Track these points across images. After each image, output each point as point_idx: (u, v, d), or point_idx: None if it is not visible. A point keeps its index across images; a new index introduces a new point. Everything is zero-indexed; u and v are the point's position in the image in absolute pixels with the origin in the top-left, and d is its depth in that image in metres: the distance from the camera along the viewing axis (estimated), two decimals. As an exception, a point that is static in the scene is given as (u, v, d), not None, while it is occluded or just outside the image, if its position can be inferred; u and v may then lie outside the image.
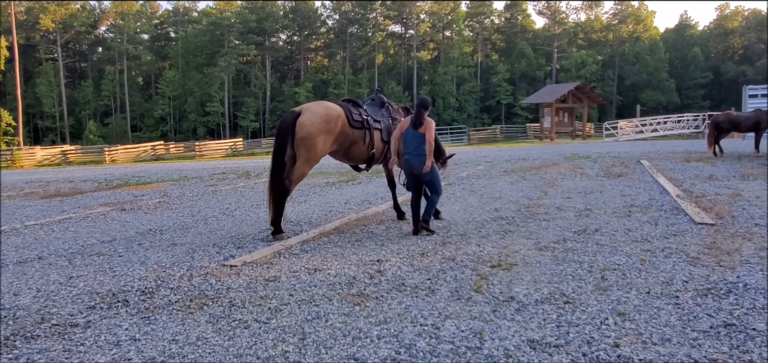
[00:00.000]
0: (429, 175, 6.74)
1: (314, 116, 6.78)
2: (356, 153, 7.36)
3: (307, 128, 6.68)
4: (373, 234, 7.00)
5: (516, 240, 6.31)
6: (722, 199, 8.76)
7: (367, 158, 7.50)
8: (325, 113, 6.86)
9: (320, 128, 6.74)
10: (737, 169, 13.27)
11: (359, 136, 7.21)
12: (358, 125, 7.18)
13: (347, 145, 7.17)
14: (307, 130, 6.67)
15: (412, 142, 6.73)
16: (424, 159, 6.63)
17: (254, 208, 9.91)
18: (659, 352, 3.27)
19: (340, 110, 7.03)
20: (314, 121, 6.74)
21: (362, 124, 7.22)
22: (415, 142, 6.69)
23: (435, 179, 6.83)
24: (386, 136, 7.51)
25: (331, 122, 6.84)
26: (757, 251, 5.48)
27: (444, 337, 3.56)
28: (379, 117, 7.55)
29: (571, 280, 4.70)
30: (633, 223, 7.08)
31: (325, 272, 5.17)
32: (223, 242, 6.82)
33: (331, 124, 6.84)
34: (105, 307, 4.39)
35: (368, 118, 7.34)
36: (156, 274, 5.35)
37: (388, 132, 7.53)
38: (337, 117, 6.92)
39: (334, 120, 6.88)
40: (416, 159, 6.69)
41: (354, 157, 7.49)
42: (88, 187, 15.89)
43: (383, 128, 7.51)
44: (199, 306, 4.33)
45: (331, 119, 6.86)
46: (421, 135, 6.66)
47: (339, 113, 6.97)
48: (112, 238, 7.38)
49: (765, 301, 4.04)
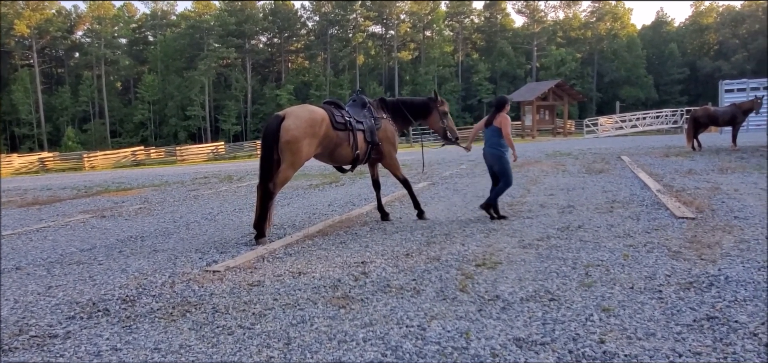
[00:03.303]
0: (498, 165, 7.59)
1: (298, 120, 6.76)
2: (340, 155, 7.36)
3: (292, 132, 6.67)
4: (357, 236, 6.97)
5: (500, 238, 6.33)
6: (702, 193, 8.87)
7: (352, 159, 7.49)
8: (309, 117, 6.85)
9: (305, 132, 6.74)
10: (715, 163, 13.46)
11: (343, 137, 7.22)
12: (342, 127, 7.19)
13: (332, 147, 7.17)
14: (291, 134, 6.67)
15: (487, 136, 7.72)
16: (495, 151, 7.57)
17: (237, 212, 9.83)
18: (644, 346, 3.29)
19: (323, 113, 7.03)
20: (298, 125, 6.73)
21: (345, 126, 7.24)
22: (490, 136, 7.64)
23: (505, 169, 7.56)
24: (369, 136, 7.52)
25: (315, 126, 6.83)
26: (737, 244, 5.55)
27: (430, 338, 3.54)
28: (361, 118, 7.55)
29: (556, 277, 4.72)
30: (615, 219, 7.14)
31: (310, 275, 5.13)
32: (206, 248, 6.75)
33: (315, 128, 6.83)
34: (85, 317, 4.31)
35: (351, 119, 7.35)
36: (137, 281, 5.27)
37: (371, 132, 7.55)
38: (321, 121, 6.92)
39: (318, 123, 6.88)
40: (488, 151, 7.67)
41: (338, 159, 7.48)
42: (66, 194, 15.64)
43: (366, 129, 7.51)
44: (182, 313, 4.26)
45: (316, 123, 6.85)
46: (495, 129, 7.57)
47: (323, 117, 6.98)
48: (91, 246, 7.26)
49: (746, 293, 4.09)
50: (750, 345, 3.25)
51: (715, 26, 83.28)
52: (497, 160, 7.59)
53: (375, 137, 7.58)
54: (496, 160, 7.60)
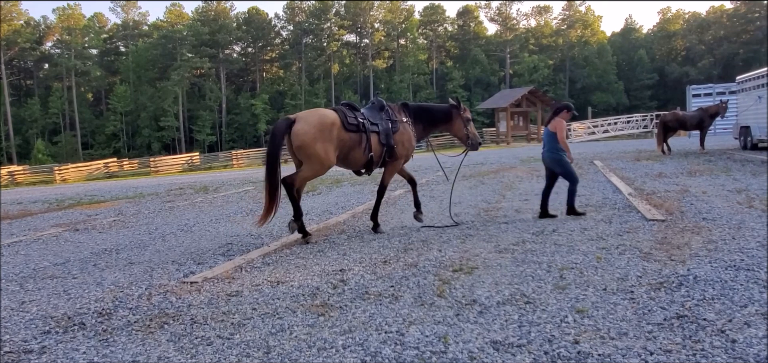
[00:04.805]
0: (560, 169, 7.85)
1: (307, 125, 6.80)
2: (354, 158, 7.24)
3: (301, 137, 6.74)
4: (335, 244, 6.99)
5: (476, 244, 6.41)
6: (671, 196, 9.09)
7: (366, 162, 7.36)
8: (319, 121, 6.85)
9: (315, 136, 6.75)
10: (684, 166, 13.80)
11: (356, 139, 7.12)
12: (354, 128, 7.09)
13: (346, 150, 7.10)
14: (301, 139, 6.74)
15: (545, 140, 8.04)
16: (553, 155, 7.82)
17: (213, 222, 9.76)
18: (617, 346, 3.37)
19: (334, 115, 6.99)
20: (307, 129, 6.76)
21: (358, 127, 7.13)
22: (547, 140, 7.93)
23: (566, 170, 7.82)
24: (384, 139, 7.34)
25: (325, 129, 6.82)
26: (705, 244, 5.71)
27: (409, 344, 3.59)
28: (377, 120, 7.39)
29: (531, 280, 4.80)
30: (588, 223, 7.28)
31: (288, 284, 5.14)
32: (183, 259, 6.70)
33: (325, 131, 6.82)
34: (60, 331, 4.26)
35: (364, 121, 7.23)
36: (113, 294, 5.22)
37: (386, 134, 7.36)
38: (331, 123, 6.88)
39: (329, 126, 6.85)
40: (547, 155, 7.97)
41: (352, 163, 7.35)
42: (38, 208, 15.34)
43: (381, 131, 7.33)
44: (160, 325, 4.24)
45: (325, 126, 6.83)
46: (552, 134, 7.82)
47: (333, 119, 6.94)
48: (65, 260, 7.15)
49: (714, 292, 4.22)
50: (718, 342, 3.36)
51: (681, 32, 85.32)
52: (557, 164, 7.85)
53: (390, 140, 7.39)
54: (557, 164, 7.86)
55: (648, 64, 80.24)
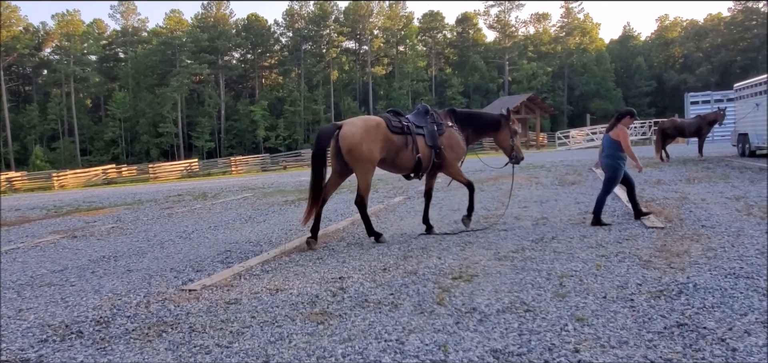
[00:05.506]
0: (610, 173, 7.81)
1: (354, 128, 7.12)
2: (402, 160, 7.45)
3: (349, 140, 7.02)
4: (334, 251, 6.97)
5: (476, 251, 6.40)
6: (670, 203, 9.10)
7: (414, 164, 7.52)
8: (364, 124, 7.21)
9: (362, 137, 7.04)
10: (683, 173, 13.80)
11: (401, 141, 7.35)
12: (399, 130, 7.34)
13: (394, 151, 7.32)
14: (349, 141, 7.02)
15: (604, 145, 7.98)
16: (611, 162, 7.76)
17: (212, 229, 9.75)
18: (617, 355, 3.36)
19: (378, 119, 7.35)
20: (354, 132, 7.07)
21: (402, 130, 7.37)
22: (607, 146, 7.87)
23: (614, 178, 7.77)
24: (430, 141, 7.54)
25: (370, 131, 7.12)
26: (704, 252, 5.70)
27: (409, 352, 3.57)
28: (422, 123, 7.63)
29: (531, 288, 4.79)
30: (587, 230, 7.28)
31: (288, 292, 5.13)
32: (181, 266, 6.68)
33: (370, 132, 7.11)
34: (58, 340, 4.24)
35: (409, 124, 7.48)
36: (111, 302, 5.20)
37: (431, 136, 7.56)
38: (376, 124, 7.21)
39: (374, 128, 7.16)
40: (604, 161, 7.91)
41: (401, 165, 7.55)
42: (36, 214, 15.32)
43: (426, 133, 7.56)
44: (158, 333, 4.22)
45: (371, 128, 7.15)
46: (613, 141, 7.77)
47: (378, 121, 7.27)
48: (63, 267, 7.13)
49: (714, 300, 4.21)
50: (718, 350, 3.35)
51: (679, 40, 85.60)
52: (610, 169, 7.80)
53: (437, 141, 7.56)
54: (609, 169, 7.82)
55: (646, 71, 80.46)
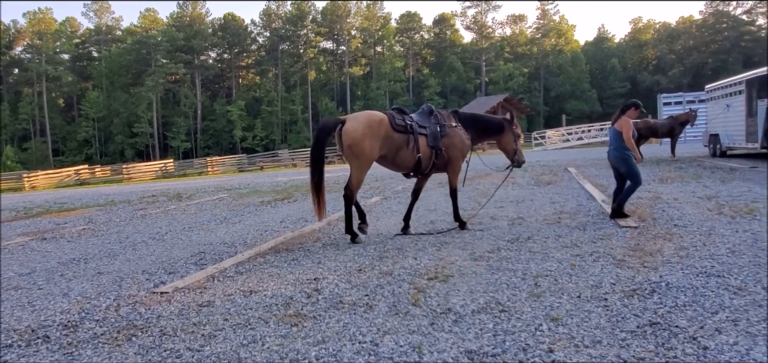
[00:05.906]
0: (624, 167, 7.78)
1: (357, 123, 7.03)
2: (402, 159, 7.40)
3: (352, 135, 6.92)
4: (309, 252, 6.91)
5: (452, 251, 6.39)
6: (644, 203, 9.20)
7: (414, 164, 7.47)
8: (368, 119, 7.11)
9: (364, 133, 6.95)
10: (656, 173, 14.00)
11: (403, 140, 7.30)
12: (402, 129, 7.28)
13: (394, 149, 7.27)
14: (352, 136, 6.92)
15: (611, 138, 8.00)
16: (619, 154, 7.78)
17: (186, 231, 9.60)
18: (591, 354, 3.37)
19: (382, 115, 7.26)
20: (358, 127, 6.97)
21: (406, 129, 7.32)
22: (613, 138, 7.89)
23: (632, 171, 7.72)
24: (432, 141, 7.49)
25: (373, 126, 7.04)
26: (677, 251, 5.77)
27: (383, 354, 3.54)
28: (425, 123, 7.58)
29: (506, 288, 4.79)
30: (563, 230, 7.32)
31: (261, 294, 5.06)
32: (154, 268, 6.56)
33: (374, 128, 7.04)
34: (23, 345, 4.12)
35: (412, 123, 7.43)
36: (80, 305, 5.07)
37: (434, 137, 7.51)
38: (379, 121, 7.12)
39: (377, 124, 7.08)
40: (612, 153, 7.94)
41: (401, 164, 7.49)
42: (5, 216, 14.95)
43: (429, 133, 7.51)
44: (127, 337, 4.12)
45: (374, 123, 7.07)
46: (618, 133, 7.77)
47: (381, 118, 7.19)
48: (31, 270, 6.95)
49: (686, 299, 4.25)
50: (690, 349, 3.38)
51: (652, 42, 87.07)
52: (622, 163, 7.80)
53: (439, 143, 7.52)
54: (622, 163, 7.81)
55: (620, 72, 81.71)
